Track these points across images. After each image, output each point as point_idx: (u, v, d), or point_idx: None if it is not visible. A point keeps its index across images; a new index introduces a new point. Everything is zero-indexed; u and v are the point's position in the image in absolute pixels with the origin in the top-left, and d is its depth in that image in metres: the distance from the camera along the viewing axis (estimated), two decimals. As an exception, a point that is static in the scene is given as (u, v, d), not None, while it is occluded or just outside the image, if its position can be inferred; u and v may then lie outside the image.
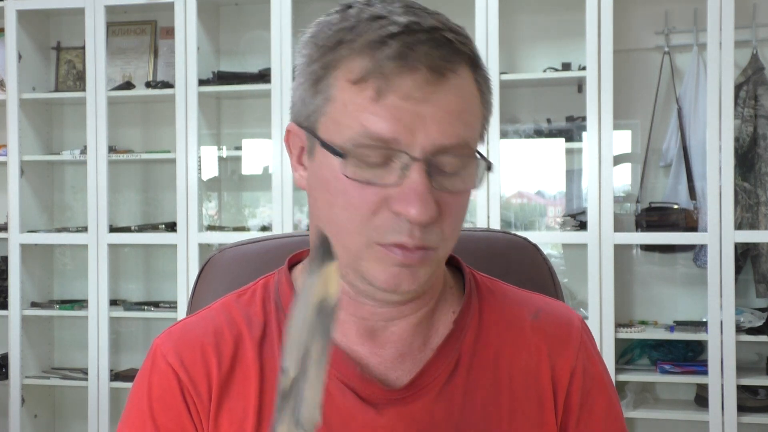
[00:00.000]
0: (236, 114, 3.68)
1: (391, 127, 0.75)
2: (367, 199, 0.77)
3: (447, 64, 0.77)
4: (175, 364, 0.86)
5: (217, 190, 3.70)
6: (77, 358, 3.70)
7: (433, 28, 0.77)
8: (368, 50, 0.76)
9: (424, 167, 0.76)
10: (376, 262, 0.79)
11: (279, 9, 3.24)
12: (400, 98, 0.75)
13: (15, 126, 3.51)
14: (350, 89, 0.77)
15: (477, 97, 0.81)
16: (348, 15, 0.79)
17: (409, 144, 0.76)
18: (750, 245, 3.19)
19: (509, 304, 0.93)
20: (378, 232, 0.78)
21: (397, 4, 0.79)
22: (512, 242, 1.14)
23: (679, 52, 3.32)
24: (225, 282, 1.11)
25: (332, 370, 0.84)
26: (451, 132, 0.77)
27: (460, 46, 0.78)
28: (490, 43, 3.08)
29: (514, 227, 3.42)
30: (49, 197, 3.79)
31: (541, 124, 3.39)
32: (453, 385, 0.86)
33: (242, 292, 0.93)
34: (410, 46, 0.75)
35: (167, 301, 3.56)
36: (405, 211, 0.76)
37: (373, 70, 0.75)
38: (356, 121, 0.76)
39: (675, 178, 3.24)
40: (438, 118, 0.76)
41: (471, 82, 0.80)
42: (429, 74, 0.76)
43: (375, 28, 0.76)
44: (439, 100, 0.76)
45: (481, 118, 0.83)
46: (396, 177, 0.76)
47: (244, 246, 1.15)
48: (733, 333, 2.94)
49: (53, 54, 3.80)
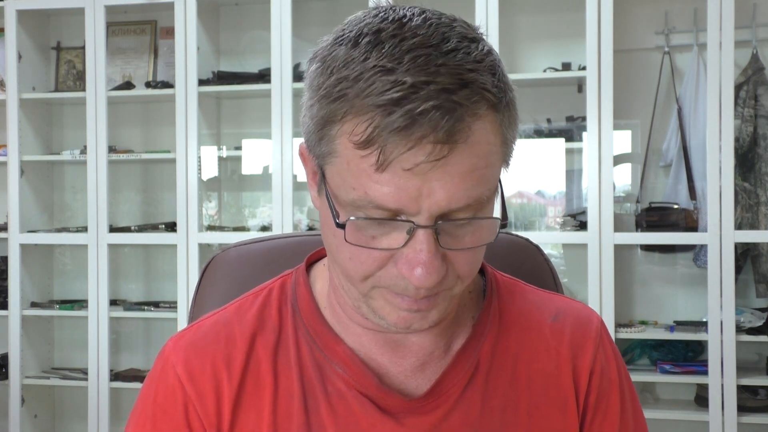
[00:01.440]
0: (236, 114, 3.68)
1: (394, 198, 0.71)
2: (373, 257, 0.75)
3: (456, 132, 0.69)
4: (183, 377, 0.85)
5: (217, 190, 3.70)
6: (77, 358, 3.71)
7: (444, 90, 0.69)
8: (370, 113, 0.70)
9: (430, 232, 0.72)
10: (384, 302, 0.78)
11: (279, 9, 3.24)
12: (404, 170, 0.70)
13: (15, 126, 3.51)
14: (354, 151, 0.71)
15: (498, 141, 0.74)
16: (352, 57, 0.72)
17: (414, 212, 0.71)
18: (750, 245, 3.19)
19: (528, 305, 0.92)
20: (383, 283, 0.76)
21: (407, 44, 0.70)
22: (514, 243, 1.14)
23: (679, 52, 3.32)
24: (229, 281, 1.10)
25: (351, 380, 0.84)
26: (461, 195, 0.71)
27: (473, 107, 0.70)
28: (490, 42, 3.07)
29: (514, 227, 3.42)
30: (49, 197, 3.79)
31: (541, 124, 3.39)
32: (471, 391, 0.85)
33: (258, 291, 0.91)
34: (415, 118, 0.68)
35: (167, 301, 3.56)
36: (409, 275, 0.73)
37: (374, 139, 0.69)
38: (360, 185, 0.72)
39: (675, 178, 3.24)
40: (446, 185, 0.70)
41: (490, 129, 0.73)
42: (436, 145, 0.69)
43: (378, 87, 0.69)
44: (447, 167, 0.70)
45: (503, 156, 0.77)
46: (401, 240, 0.73)
47: (248, 245, 1.14)
48: (733, 333, 2.94)
49: (53, 54, 3.80)
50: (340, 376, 0.84)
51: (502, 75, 0.74)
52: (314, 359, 0.85)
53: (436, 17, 0.74)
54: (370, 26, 0.73)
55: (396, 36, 0.71)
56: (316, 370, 0.85)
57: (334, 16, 3.44)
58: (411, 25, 0.72)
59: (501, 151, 0.76)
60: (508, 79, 0.76)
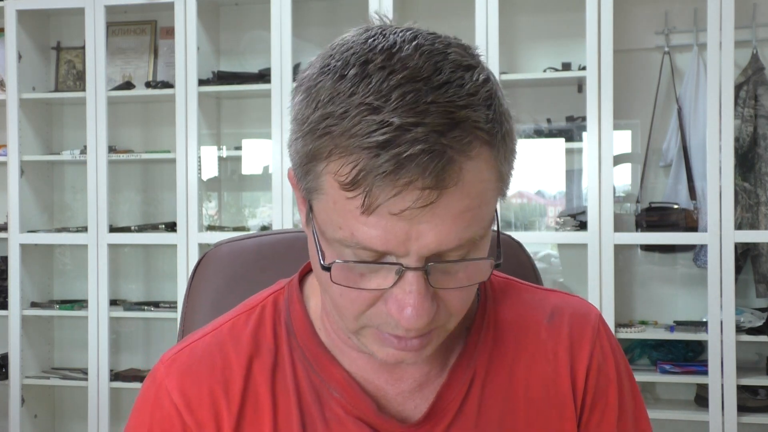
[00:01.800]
0: (236, 114, 3.68)
1: (382, 241, 0.68)
2: (363, 296, 0.73)
3: (446, 176, 0.66)
4: (180, 405, 0.82)
5: (217, 190, 3.70)
6: (77, 358, 3.70)
7: (433, 131, 0.65)
8: (355, 155, 0.66)
9: (420, 273, 0.70)
10: (373, 341, 0.76)
11: (279, 9, 3.24)
12: (391, 214, 0.67)
13: (15, 126, 3.51)
14: (339, 191, 0.68)
15: (493, 177, 0.71)
16: (338, 91, 0.68)
17: (402, 254, 0.69)
18: (750, 245, 3.19)
19: (523, 306, 0.90)
20: (373, 322, 0.74)
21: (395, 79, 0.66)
22: None
23: (679, 52, 3.32)
24: (221, 277, 1.11)
25: (349, 406, 0.82)
26: (452, 237, 0.68)
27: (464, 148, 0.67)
28: (490, 43, 3.08)
29: (514, 227, 3.42)
30: (49, 197, 3.79)
31: (541, 124, 3.39)
32: (468, 405, 0.84)
33: (251, 309, 0.87)
34: (402, 162, 0.65)
35: (167, 301, 3.56)
36: (398, 316, 0.71)
37: (360, 182, 0.66)
38: (346, 225, 0.69)
39: (675, 178, 3.24)
40: (435, 227, 0.68)
41: (484, 167, 0.69)
42: (424, 191, 0.66)
43: (364, 128, 0.66)
44: (438, 210, 0.67)
45: (499, 191, 0.73)
46: (390, 280, 0.70)
47: (239, 242, 1.15)
48: (733, 333, 2.94)
49: (53, 54, 3.80)
50: (337, 401, 0.82)
51: (498, 106, 0.71)
52: (311, 383, 0.83)
53: (428, 43, 0.70)
54: (357, 56, 0.69)
55: (384, 68, 0.67)
56: (313, 394, 0.83)
57: (334, 16, 3.45)
58: (401, 56, 0.68)
59: (497, 187, 0.72)
60: (505, 108, 0.72)
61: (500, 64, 3.10)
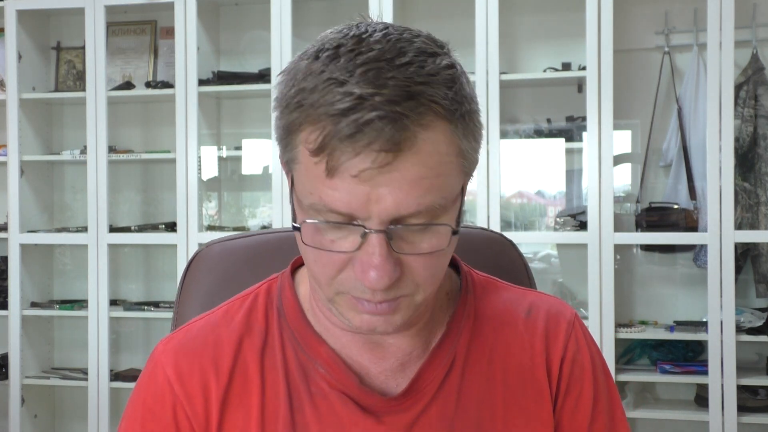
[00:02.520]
0: (236, 114, 3.68)
1: (345, 203, 0.74)
2: (333, 260, 0.78)
3: (401, 140, 0.72)
4: (172, 377, 0.88)
5: (217, 190, 3.70)
6: (77, 358, 3.71)
7: (388, 101, 0.72)
8: (322, 122, 0.74)
9: (382, 236, 0.75)
10: (347, 307, 0.81)
11: (279, 9, 3.24)
12: (352, 176, 0.73)
13: (15, 126, 3.51)
14: (309, 158, 0.75)
15: (452, 151, 0.77)
16: (312, 70, 0.76)
17: (365, 217, 0.75)
18: (750, 245, 3.18)
19: (503, 302, 0.95)
20: (345, 287, 0.79)
21: (361, 58, 0.74)
22: (489, 239, 1.18)
23: (679, 52, 3.32)
24: (212, 277, 1.12)
25: (333, 381, 0.87)
26: (410, 202, 0.74)
27: (418, 118, 0.73)
28: (490, 43, 3.08)
29: (514, 227, 3.42)
30: (49, 197, 3.79)
31: (541, 124, 3.39)
32: (448, 386, 0.88)
33: (245, 296, 0.94)
34: (360, 127, 0.72)
35: (167, 301, 3.56)
36: (362, 278, 0.77)
37: (324, 146, 0.73)
38: (315, 189, 0.76)
39: (675, 178, 3.24)
40: (393, 191, 0.74)
41: (442, 139, 0.75)
42: (381, 153, 0.72)
43: (329, 99, 0.73)
44: (394, 173, 0.73)
45: (460, 167, 0.78)
46: (355, 243, 0.76)
47: (231, 241, 1.17)
48: (733, 333, 2.94)
49: (53, 54, 3.80)
50: (322, 376, 0.87)
51: (460, 89, 0.77)
52: (298, 360, 0.88)
53: (397, 33, 0.77)
54: (332, 42, 0.77)
55: (353, 51, 0.75)
56: (300, 371, 0.88)
57: (334, 16, 3.45)
58: (369, 41, 0.75)
59: (457, 162, 0.77)
60: (469, 93, 0.78)
61: (500, 64, 3.10)
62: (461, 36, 3.23)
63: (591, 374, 0.93)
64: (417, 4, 3.51)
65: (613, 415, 0.94)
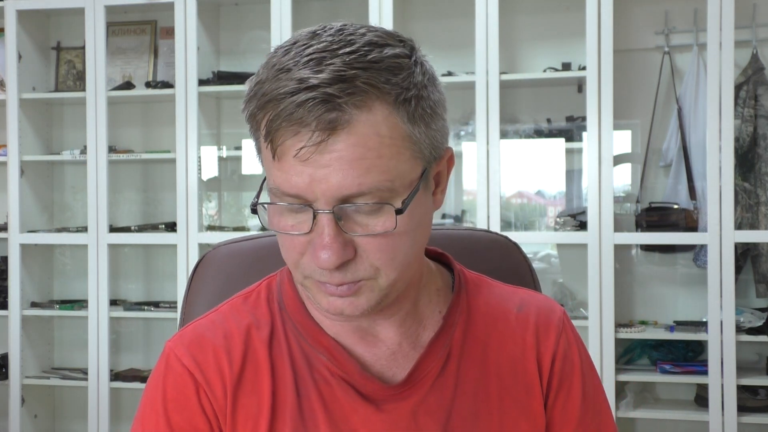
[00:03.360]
0: (236, 114, 3.67)
1: (291, 185, 0.79)
2: (294, 243, 0.83)
3: (333, 120, 0.77)
4: (190, 366, 0.90)
5: (217, 190, 3.70)
6: (77, 358, 3.71)
7: (322, 83, 0.77)
8: (268, 109, 0.79)
9: (330, 217, 0.79)
10: (315, 291, 0.85)
11: (279, 9, 3.24)
12: (294, 157, 0.78)
13: (15, 126, 3.51)
14: (263, 144, 0.81)
15: (396, 135, 0.79)
16: (269, 63, 0.82)
17: (312, 198, 0.79)
18: (750, 245, 3.19)
19: (495, 298, 0.98)
20: (307, 271, 0.84)
21: (310, 49, 0.79)
22: (493, 240, 1.19)
23: (679, 52, 3.32)
24: (219, 278, 1.13)
25: (334, 368, 0.90)
26: (351, 182, 0.77)
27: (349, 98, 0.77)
28: (490, 43, 3.08)
29: (514, 227, 3.42)
30: (49, 197, 3.79)
31: (541, 124, 3.39)
32: (445, 376, 0.91)
33: (248, 294, 0.97)
34: (297, 108, 0.77)
35: (167, 301, 3.56)
36: (314, 259, 0.81)
37: (270, 131, 0.79)
38: (270, 174, 0.82)
39: (675, 178, 3.24)
40: (334, 171, 0.77)
41: (381, 122, 0.78)
42: (319, 132, 0.77)
43: (276, 85, 0.79)
44: (333, 154, 0.77)
45: (408, 151, 0.81)
46: (308, 226, 0.80)
47: (238, 243, 1.18)
48: (733, 333, 2.94)
49: (53, 54, 3.80)
50: (324, 364, 0.91)
51: (409, 75, 0.80)
52: (302, 349, 0.92)
53: (354, 29, 0.81)
54: (292, 40, 0.83)
55: (304, 44, 0.80)
56: (304, 359, 0.91)
57: (334, 16, 3.44)
58: (323, 35, 0.81)
59: (403, 145, 0.80)
60: (420, 81, 0.81)
61: (500, 64, 3.10)
62: (461, 36, 3.23)
63: (579, 370, 0.96)
64: (417, 5, 3.51)
65: (600, 409, 0.98)
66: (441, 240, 1.10)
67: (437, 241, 1.05)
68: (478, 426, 0.91)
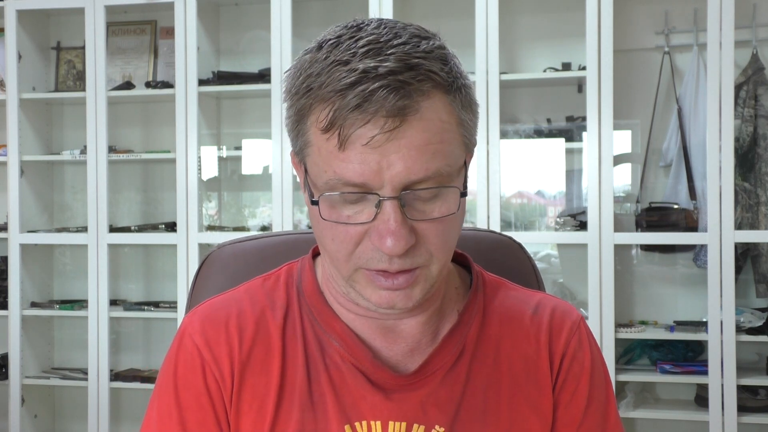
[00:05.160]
0: (236, 114, 3.68)
1: (358, 173, 0.79)
2: (350, 233, 0.83)
3: (405, 107, 0.79)
4: (200, 344, 0.93)
5: (217, 190, 3.70)
6: (77, 358, 3.71)
7: (390, 72, 0.78)
8: (331, 100, 0.80)
9: (395, 203, 0.80)
10: (366, 285, 0.86)
11: (279, 9, 3.24)
12: (363, 145, 0.79)
13: (15, 126, 3.51)
14: (321, 136, 0.81)
15: (452, 120, 0.83)
16: (317, 58, 0.82)
17: (377, 185, 0.80)
18: (750, 245, 3.19)
19: (512, 299, 0.99)
20: (362, 260, 0.84)
21: (362, 41, 0.81)
22: (498, 241, 1.19)
23: (679, 52, 3.32)
24: (223, 278, 1.14)
25: (346, 354, 0.92)
26: (419, 167, 0.80)
27: (419, 85, 0.79)
28: (490, 43, 3.08)
29: (514, 227, 3.42)
30: (49, 197, 3.79)
31: (541, 124, 3.39)
32: (457, 371, 0.93)
33: (267, 276, 0.99)
34: (367, 97, 0.78)
35: (167, 301, 3.56)
36: (380, 245, 0.81)
37: (335, 120, 0.79)
38: (329, 166, 0.81)
39: (675, 178, 3.24)
40: (403, 157, 0.79)
41: (441, 108, 0.82)
42: (388, 119, 0.78)
43: (336, 76, 0.79)
44: (402, 140, 0.79)
45: (461, 137, 0.85)
46: (371, 214, 0.81)
47: (242, 243, 1.18)
48: (733, 333, 2.94)
49: (53, 54, 3.80)
50: (336, 350, 0.92)
51: (453, 66, 0.84)
52: (315, 334, 0.93)
53: (392, 23, 0.84)
54: (332, 33, 0.84)
55: (353, 37, 0.81)
56: (317, 343, 0.93)
57: (334, 16, 3.45)
58: (367, 29, 0.82)
59: (458, 132, 0.84)
60: (461, 71, 0.85)
61: (500, 64, 3.10)
62: (461, 36, 3.23)
63: (589, 375, 0.96)
64: (417, 4, 3.51)
65: (606, 418, 0.97)
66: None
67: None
68: (486, 421, 0.92)
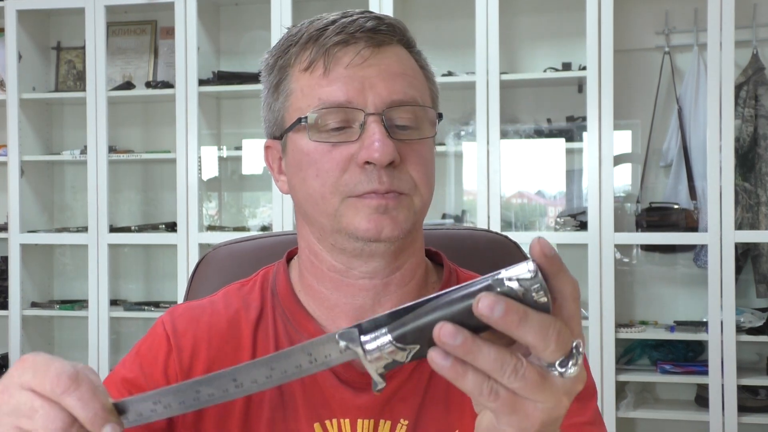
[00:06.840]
0: (236, 114, 3.68)
1: (342, 92, 0.88)
2: (335, 160, 0.88)
3: (381, 36, 0.90)
4: (169, 331, 0.97)
5: (217, 190, 3.70)
6: (77, 358, 3.69)
7: (364, 12, 0.91)
8: (312, 40, 0.90)
9: (379, 119, 0.87)
10: (354, 213, 0.89)
11: (279, 9, 3.24)
12: (345, 68, 0.88)
13: (15, 126, 3.51)
14: (304, 76, 0.90)
15: (418, 69, 0.93)
16: (292, 32, 0.94)
17: (362, 103, 0.87)
18: (750, 245, 3.19)
19: None
20: (349, 187, 0.88)
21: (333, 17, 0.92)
22: (493, 240, 1.21)
23: (679, 52, 3.32)
24: (220, 278, 1.15)
25: None
26: (398, 89, 0.89)
27: (388, 30, 0.91)
28: (490, 43, 3.08)
29: (514, 227, 3.42)
30: (49, 197, 3.79)
31: (541, 124, 3.39)
32: (423, 366, 0.92)
33: (244, 282, 1.03)
34: (346, 27, 0.89)
35: (167, 301, 3.56)
36: (368, 156, 0.86)
37: (318, 52, 0.89)
38: (314, 97, 0.89)
39: (675, 178, 3.24)
40: (383, 78, 0.88)
41: (408, 56, 0.93)
42: (367, 44, 0.89)
43: (315, 25, 0.91)
44: (381, 64, 0.89)
45: (428, 89, 0.94)
46: (357, 134, 0.88)
47: (238, 243, 1.20)
48: (733, 333, 2.94)
49: (53, 54, 3.80)
50: None
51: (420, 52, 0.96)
52: (287, 333, 0.96)
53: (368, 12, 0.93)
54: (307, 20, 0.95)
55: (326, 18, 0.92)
56: (288, 342, 0.95)
57: (334, 16, 3.44)
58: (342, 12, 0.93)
59: (424, 76, 0.94)
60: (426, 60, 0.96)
61: (500, 64, 3.09)
62: (461, 36, 3.23)
63: None
64: (417, 4, 3.51)
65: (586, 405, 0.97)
66: (441, 239, 1.10)
67: (438, 241, 1.05)
68: (450, 409, 0.94)
